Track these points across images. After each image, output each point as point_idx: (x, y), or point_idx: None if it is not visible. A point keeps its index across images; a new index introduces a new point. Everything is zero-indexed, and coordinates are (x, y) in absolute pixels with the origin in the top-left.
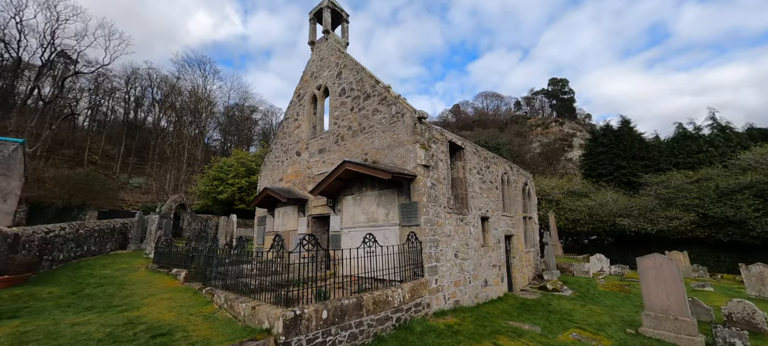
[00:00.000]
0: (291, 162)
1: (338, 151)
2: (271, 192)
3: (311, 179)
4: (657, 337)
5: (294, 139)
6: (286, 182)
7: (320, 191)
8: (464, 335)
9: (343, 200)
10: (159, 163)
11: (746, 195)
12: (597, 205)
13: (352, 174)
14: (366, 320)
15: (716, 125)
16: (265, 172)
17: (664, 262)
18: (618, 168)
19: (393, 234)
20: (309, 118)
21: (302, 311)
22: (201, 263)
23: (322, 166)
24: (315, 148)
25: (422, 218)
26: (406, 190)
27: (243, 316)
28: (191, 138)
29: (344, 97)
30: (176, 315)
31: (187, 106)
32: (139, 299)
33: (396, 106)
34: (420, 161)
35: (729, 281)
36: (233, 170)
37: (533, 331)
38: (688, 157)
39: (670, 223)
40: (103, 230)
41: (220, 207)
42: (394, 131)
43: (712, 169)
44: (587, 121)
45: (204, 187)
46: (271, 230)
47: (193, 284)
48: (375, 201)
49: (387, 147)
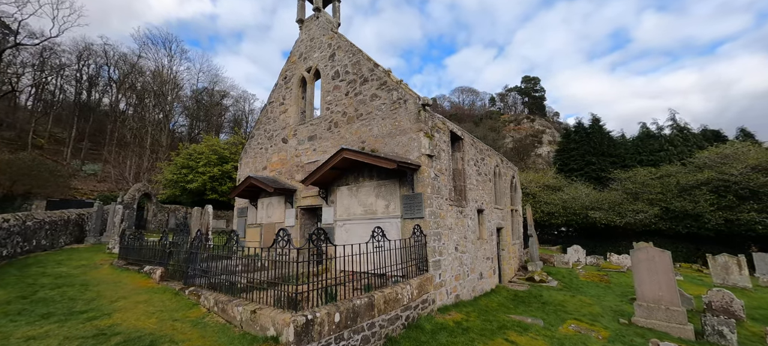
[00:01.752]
0: (276, 149)
1: (331, 139)
2: (255, 181)
3: (300, 168)
4: (649, 326)
5: (280, 125)
6: (271, 170)
7: (313, 180)
8: (475, 332)
9: (337, 191)
10: (118, 149)
11: (703, 191)
12: (570, 198)
13: (350, 163)
14: (378, 320)
15: (676, 126)
16: (246, 159)
17: (657, 254)
18: (588, 164)
19: (394, 227)
20: (297, 102)
21: (314, 315)
22: (181, 260)
23: (313, 154)
24: (304, 135)
25: (427, 210)
26: (409, 180)
27: (240, 321)
28: (155, 122)
29: (338, 80)
30: (158, 322)
31: (149, 87)
32: (108, 303)
33: (397, 92)
34: (424, 151)
35: (687, 269)
36: (204, 158)
37: (536, 324)
38: (651, 155)
39: (636, 216)
40: (55, 221)
41: (189, 197)
42: (395, 118)
43: (672, 166)
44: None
45: (171, 175)
46: (254, 223)
47: (172, 283)
48: (374, 192)
49: (387, 135)
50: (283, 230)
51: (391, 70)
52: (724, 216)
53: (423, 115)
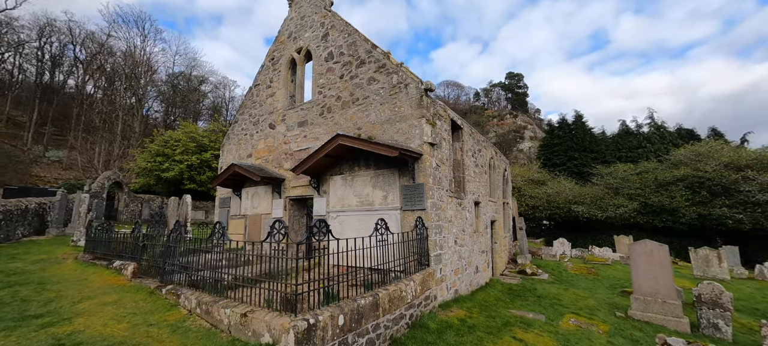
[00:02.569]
0: (263, 135)
1: (324, 125)
2: (239, 169)
3: (289, 156)
4: (645, 319)
5: (266, 110)
6: (257, 158)
7: (304, 169)
8: (482, 331)
9: (329, 181)
10: (85, 135)
11: (680, 187)
12: (554, 192)
13: (346, 150)
14: (382, 321)
15: (653, 124)
16: (228, 146)
17: (655, 248)
18: (570, 159)
19: (392, 219)
20: (286, 85)
21: (316, 319)
22: (157, 254)
23: (304, 141)
24: (294, 121)
25: (428, 202)
26: (410, 170)
27: (227, 325)
28: (126, 107)
29: (332, 62)
30: (129, 328)
31: (120, 69)
32: (69, 305)
33: (398, 76)
34: (426, 139)
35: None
36: (181, 146)
37: (538, 320)
38: (630, 152)
39: (617, 210)
40: (11, 211)
41: (164, 187)
42: (395, 104)
43: (650, 163)
44: (536, 116)
45: (145, 163)
46: (238, 214)
47: (146, 280)
48: (371, 182)
49: (386, 121)
50: (279, 222)
51: (390, 52)
52: (698, 211)
53: (425, 101)
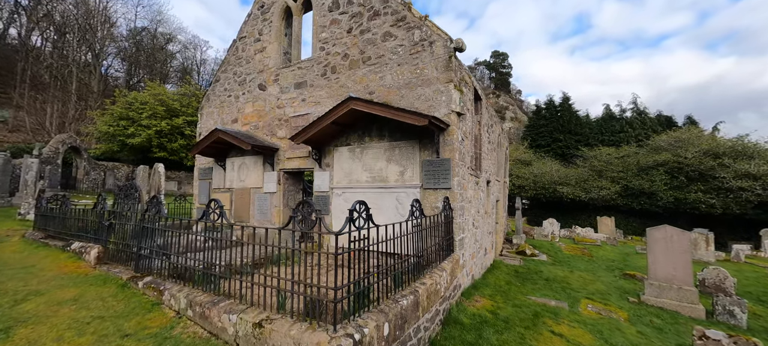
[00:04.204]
0: (251, 98)
1: (327, 87)
2: (224, 136)
3: (284, 122)
4: (659, 305)
5: (255, 68)
6: (244, 123)
7: (306, 138)
8: (518, 325)
9: (334, 152)
10: (34, 93)
11: (660, 171)
12: (541, 173)
13: (357, 117)
14: (422, 322)
15: (636, 109)
16: (209, 109)
17: (676, 234)
18: (555, 140)
19: (410, 199)
20: (279, 39)
21: (362, 334)
22: (128, 235)
23: (302, 105)
24: (289, 81)
25: (454, 180)
26: (433, 143)
27: (234, 336)
28: (82, 64)
29: (337, 13)
30: (96, 341)
31: (72, 19)
32: (10, 305)
33: (421, 31)
34: (454, 107)
35: (639, 242)
36: (148, 109)
37: (562, 308)
38: (612, 136)
39: (600, 192)
40: None
41: (130, 153)
42: (417, 65)
43: (631, 147)
44: (518, 97)
45: (106, 127)
46: (221, 187)
47: (115, 268)
48: (384, 155)
49: (404, 85)
50: (307, 203)
51: (411, 2)
52: (675, 195)
53: (454, 63)
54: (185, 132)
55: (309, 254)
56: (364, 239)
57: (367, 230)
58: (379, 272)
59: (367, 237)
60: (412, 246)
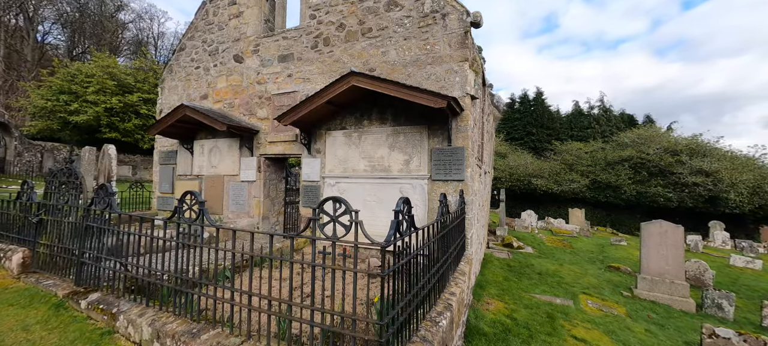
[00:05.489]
0: (224, 70)
1: (319, 62)
2: (194, 114)
3: (265, 100)
4: (651, 299)
5: (230, 35)
6: (216, 100)
7: (295, 119)
8: (539, 330)
9: (326, 137)
10: None
11: (625, 166)
12: (516, 165)
13: (357, 96)
14: (455, 342)
15: (603, 107)
16: (172, 83)
17: (670, 229)
18: (529, 134)
19: (417, 191)
20: (259, 2)
21: None
22: (66, 235)
23: (288, 82)
24: (272, 53)
25: (468, 170)
26: (444, 129)
27: None
28: (10, 28)
29: None
30: None
31: None
32: None
33: (432, 2)
34: (469, 90)
35: (604, 232)
36: (96, 83)
37: (569, 306)
38: (581, 131)
39: (571, 185)
40: None
41: (75, 133)
42: (427, 40)
43: (597, 143)
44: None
45: (43, 102)
46: (188, 174)
47: (47, 279)
48: (386, 142)
49: (411, 63)
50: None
51: None
52: (637, 189)
53: (470, 39)
54: (141, 111)
55: (298, 251)
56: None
57: (409, 236)
58: (420, 287)
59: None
60: (439, 249)
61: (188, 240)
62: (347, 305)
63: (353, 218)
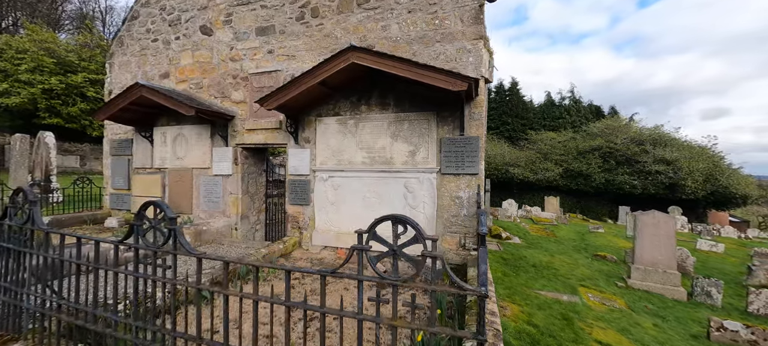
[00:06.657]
0: (189, 44)
1: (306, 36)
2: (153, 95)
3: (241, 81)
4: (644, 288)
5: (195, 2)
6: (180, 79)
7: (280, 102)
8: (563, 338)
9: (316, 124)
10: None
11: (595, 155)
12: (494, 154)
13: (355, 77)
14: None
15: (573, 98)
16: (123, 58)
17: (663, 220)
18: (504, 123)
19: (424, 186)
20: None
21: None
22: None
23: (268, 59)
24: (248, 25)
25: (482, 163)
26: (455, 116)
27: None
28: None
29: None
30: None
31: None
32: None
33: None
34: (484, 72)
35: (576, 219)
36: (29, 60)
37: (576, 302)
38: (553, 121)
39: (546, 173)
40: None
41: (5, 119)
42: (435, 13)
43: (569, 132)
44: None
45: None
46: (147, 166)
47: None
48: (388, 130)
49: (417, 39)
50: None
51: None
52: (606, 177)
53: (484, 15)
54: (87, 93)
55: (284, 256)
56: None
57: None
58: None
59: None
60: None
61: (154, 272)
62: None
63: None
